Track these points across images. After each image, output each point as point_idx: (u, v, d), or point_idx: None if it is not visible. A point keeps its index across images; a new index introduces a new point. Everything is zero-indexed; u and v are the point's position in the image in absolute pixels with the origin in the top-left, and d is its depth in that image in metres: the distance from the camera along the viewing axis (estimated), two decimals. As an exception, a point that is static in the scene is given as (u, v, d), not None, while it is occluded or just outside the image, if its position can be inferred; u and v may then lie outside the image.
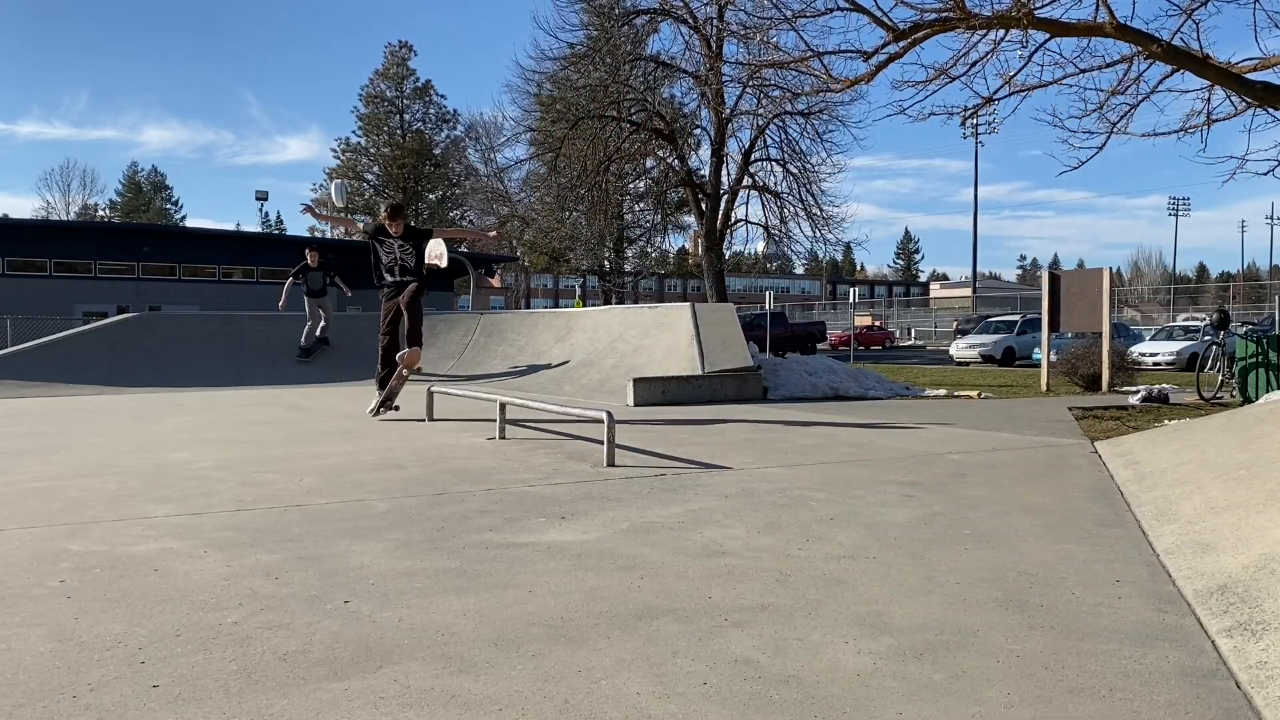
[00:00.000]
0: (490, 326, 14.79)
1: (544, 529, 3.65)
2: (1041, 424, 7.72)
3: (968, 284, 68.01)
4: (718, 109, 20.97)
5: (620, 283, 46.19)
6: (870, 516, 3.89)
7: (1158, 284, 79.91)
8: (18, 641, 2.33)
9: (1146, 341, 24.10)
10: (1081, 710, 1.93)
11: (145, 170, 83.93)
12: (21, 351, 13.17)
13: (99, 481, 4.79)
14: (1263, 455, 4.24)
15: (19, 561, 3.13)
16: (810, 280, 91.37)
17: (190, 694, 2.00)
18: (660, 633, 2.42)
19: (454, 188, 59.02)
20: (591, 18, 21.87)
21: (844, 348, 33.96)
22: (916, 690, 2.04)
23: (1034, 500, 4.26)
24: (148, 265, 37.05)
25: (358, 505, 4.14)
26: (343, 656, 2.23)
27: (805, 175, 21.59)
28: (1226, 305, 43.18)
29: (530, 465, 5.37)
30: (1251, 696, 2.00)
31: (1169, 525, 3.62)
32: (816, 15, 10.63)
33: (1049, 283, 13.54)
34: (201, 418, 8.34)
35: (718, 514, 3.94)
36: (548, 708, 1.94)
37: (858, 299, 37.63)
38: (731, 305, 13.04)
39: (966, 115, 10.84)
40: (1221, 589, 2.72)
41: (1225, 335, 11.77)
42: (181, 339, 14.04)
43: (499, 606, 2.64)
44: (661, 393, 9.69)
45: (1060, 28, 9.13)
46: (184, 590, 2.79)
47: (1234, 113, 9.53)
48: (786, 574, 2.99)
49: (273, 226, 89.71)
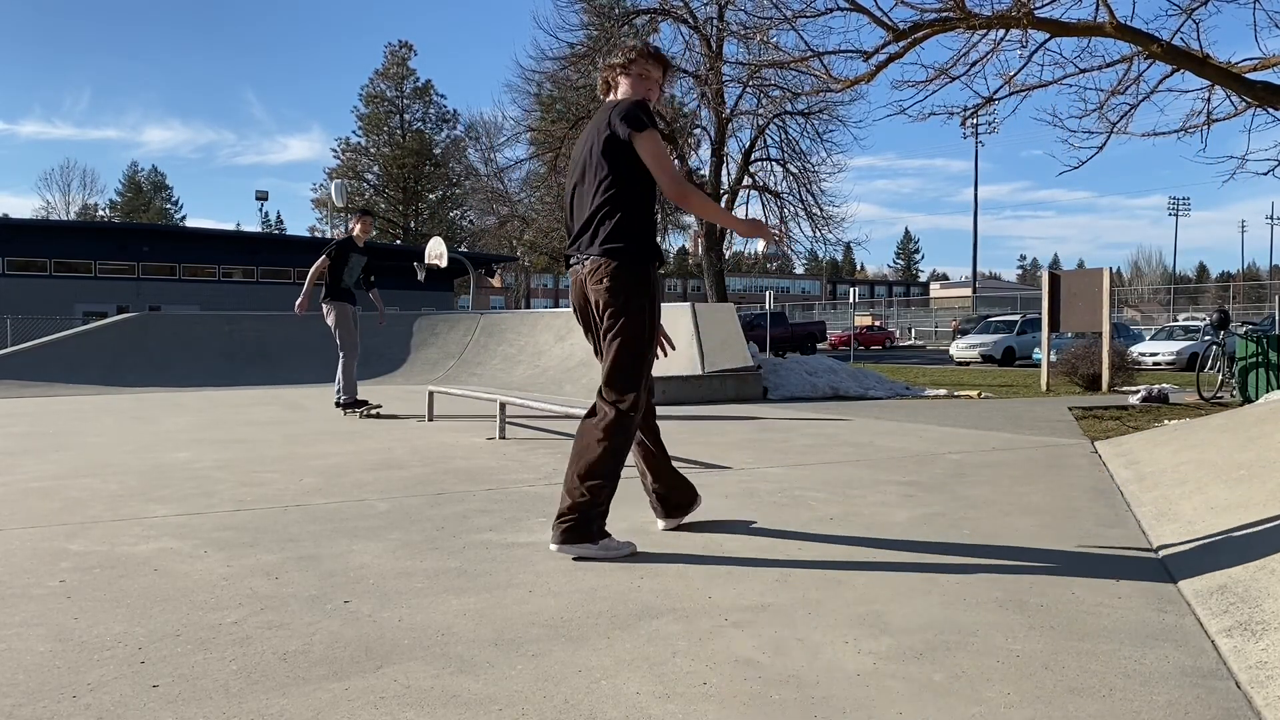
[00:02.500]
0: (490, 326, 14.79)
1: (544, 529, 3.65)
2: (1041, 424, 7.72)
3: (968, 284, 68.03)
4: (718, 109, 20.99)
5: (620, 283, 46.08)
6: (870, 516, 3.89)
7: (1158, 284, 79.93)
8: (18, 641, 2.33)
9: (1146, 341, 24.11)
10: (1081, 710, 1.93)
11: (145, 170, 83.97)
12: (21, 351, 13.17)
13: (99, 481, 4.79)
14: (1263, 455, 4.24)
15: (19, 561, 3.13)
16: (810, 280, 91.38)
17: (190, 694, 2.00)
18: (660, 633, 2.42)
19: (454, 188, 59.05)
20: (591, 18, 21.89)
21: (844, 348, 33.97)
22: (916, 690, 2.03)
23: (1034, 500, 4.26)
24: (148, 265, 37.06)
25: (358, 505, 4.14)
26: (343, 656, 2.23)
27: (805, 175, 21.62)
28: (1226, 305, 43.18)
29: (530, 465, 5.37)
30: (1252, 696, 2.00)
31: (1169, 525, 3.62)
32: (816, 15, 10.65)
33: (1049, 283, 13.54)
34: (201, 417, 8.34)
35: (718, 514, 3.94)
36: (548, 708, 1.94)
37: (858, 299, 37.62)
38: (731, 305, 13.05)
39: (966, 115, 10.84)
40: (1221, 589, 2.72)
41: (1225, 335, 11.77)
42: (181, 339, 14.04)
43: (499, 606, 2.64)
44: (661, 393, 9.69)
45: (1060, 28, 9.13)
46: (184, 590, 2.79)
47: (1234, 113, 9.53)
48: (786, 574, 2.99)
49: (273, 226, 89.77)
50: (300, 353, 13.82)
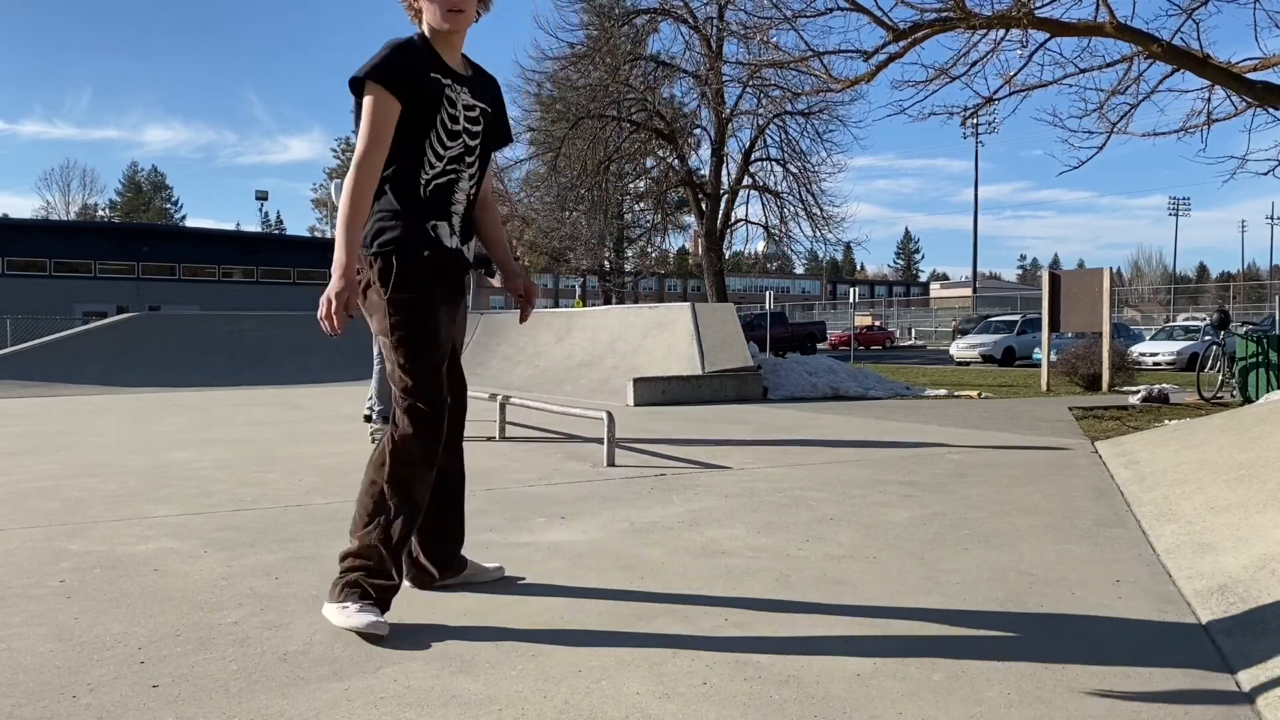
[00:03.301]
0: (490, 326, 14.79)
1: (544, 529, 3.65)
2: (1042, 424, 7.71)
3: (968, 284, 68.02)
4: (718, 109, 20.98)
5: (620, 283, 46.19)
6: (870, 516, 3.89)
7: (1158, 284, 79.91)
8: (18, 641, 2.33)
9: (1147, 341, 24.10)
10: (1082, 710, 1.93)
11: (145, 170, 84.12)
12: (21, 351, 13.17)
13: (99, 481, 4.79)
14: (1263, 455, 4.24)
15: (19, 561, 3.13)
16: (810, 280, 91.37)
17: (190, 694, 2.00)
18: (660, 633, 2.42)
19: (454, 188, 58.95)
20: (591, 17, 21.86)
21: (844, 348, 33.97)
22: (916, 690, 2.03)
23: (1034, 500, 4.26)
24: (148, 265, 37.08)
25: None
26: (343, 656, 2.23)
27: (805, 175, 21.58)
28: (1227, 305, 43.19)
29: (530, 465, 5.37)
30: (1251, 696, 2.00)
31: (1169, 525, 3.62)
32: (816, 15, 10.64)
33: (1049, 283, 13.54)
34: (201, 417, 8.34)
35: (718, 514, 3.94)
36: (547, 708, 1.94)
37: (858, 299, 37.61)
38: (731, 305, 13.04)
39: (967, 115, 10.84)
40: (1221, 589, 2.72)
41: (1225, 335, 11.76)
42: (181, 339, 14.05)
43: (499, 607, 2.64)
44: (661, 393, 9.70)
45: (1060, 27, 9.13)
46: (184, 590, 2.79)
47: (1234, 113, 9.53)
48: (786, 574, 2.99)
49: (273, 226, 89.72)
50: (300, 353, 13.82)
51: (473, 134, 2.59)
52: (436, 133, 2.50)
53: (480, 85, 2.65)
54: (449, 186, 2.56)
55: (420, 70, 2.45)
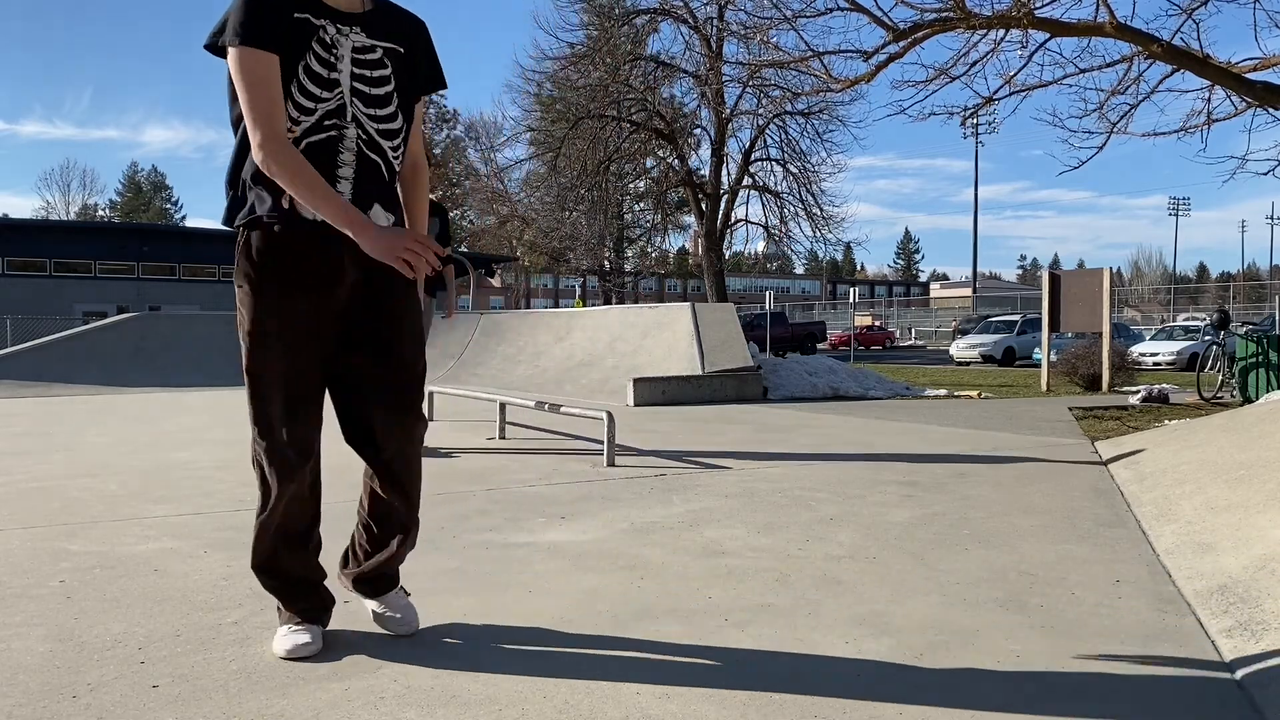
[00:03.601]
0: (490, 326, 14.79)
1: (544, 529, 3.65)
2: (1042, 424, 7.71)
3: (968, 284, 68.03)
4: (718, 109, 20.99)
5: (620, 283, 46.21)
6: (870, 516, 3.89)
7: (1158, 284, 79.92)
8: (18, 641, 2.33)
9: (1147, 341, 24.09)
10: (1082, 710, 1.93)
11: (145, 170, 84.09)
12: (21, 351, 13.17)
13: (99, 481, 4.79)
14: (1263, 455, 4.24)
15: (19, 561, 3.13)
16: (810, 280, 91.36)
17: (190, 694, 2.00)
18: (660, 633, 2.42)
19: (454, 188, 59.03)
20: (591, 18, 21.89)
21: (844, 348, 33.95)
22: (916, 690, 2.04)
23: (1034, 500, 4.26)
24: (148, 265, 37.07)
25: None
26: (342, 656, 2.23)
27: (805, 175, 21.61)
28: (1227, 305, 43.20)
29: (530, 465, 5.37)
30: (1252, 696, 2.00)
31: (1169, 525, 3.62)
32: (816, 15, 10.64)
33: (1049, 283, 13.54)
34: (201, 418, 8.34)
35: (718, 514, 3.94)
36: (548, 708, 1.94)
37: (858, 299, 37.57)
38: (731, 305, 13.04)
39: (967, 115, 10.84)
40: (1221, 589, 2.72)
41: (1225, 335, 11.76)
42: (181, 339, 14.05)
43: (499, 606, 2.64)
44: (661, 393, 9.70)
45: (1060, 28, 9.13)
46: (184, 590, 2.79)
47: (1234, 113, 9.52)
48: (786, 574, 2.99)
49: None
50: (300, 353, 13.81)
51: (369, 80, 2.17)
52: (298, 81, 2.09)
53: (383, 22, 2.23)
54: (328, 146, 2.13)
55: (284, 9, 2.07)
